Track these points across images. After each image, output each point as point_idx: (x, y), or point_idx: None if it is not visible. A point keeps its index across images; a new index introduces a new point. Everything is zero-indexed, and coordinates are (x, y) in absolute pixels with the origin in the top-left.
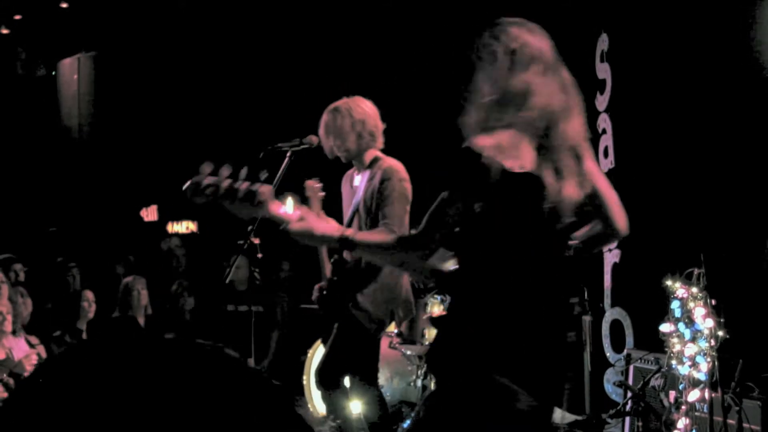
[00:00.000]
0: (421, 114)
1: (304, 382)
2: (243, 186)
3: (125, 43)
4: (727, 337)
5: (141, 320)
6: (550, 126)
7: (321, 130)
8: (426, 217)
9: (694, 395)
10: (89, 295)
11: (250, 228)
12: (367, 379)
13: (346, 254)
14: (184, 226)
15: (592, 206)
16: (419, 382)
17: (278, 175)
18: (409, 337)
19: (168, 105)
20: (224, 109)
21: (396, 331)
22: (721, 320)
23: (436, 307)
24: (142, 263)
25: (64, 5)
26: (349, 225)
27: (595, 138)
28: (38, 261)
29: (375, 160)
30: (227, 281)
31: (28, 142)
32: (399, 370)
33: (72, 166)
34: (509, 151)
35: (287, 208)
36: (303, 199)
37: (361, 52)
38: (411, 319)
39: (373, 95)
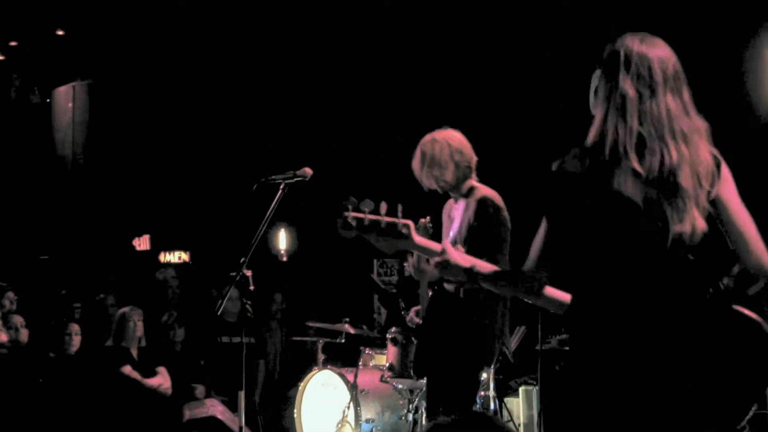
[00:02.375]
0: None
1: (295, 415)
2: (385, 219)
3: (120, 73)
4: None
5: (134, 352)
6: (668, 144)
7: (416, 162)
8: (534, 252)
9: None
10: (74, 327)
11: (242, 260)
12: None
13: (447, 286)
14: (176, 256)
15: (727, 237)
16: (410, 417)
17: (271, 208)
18: (401, 371)
19: (162, 135)
20: (218, 140)
21: (387, 364)
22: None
23: None
24: (133, 293)
25: (61, 33)
26: None
27: None
28: (30, 289)
29: (471, 189)
30: (219, 313)
31: (20, 169)
32: (390, 405)
33: (65, 194)
34: (616, 175)
35: (283, 241)
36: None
37: (351, 82)
38: (404, 353)
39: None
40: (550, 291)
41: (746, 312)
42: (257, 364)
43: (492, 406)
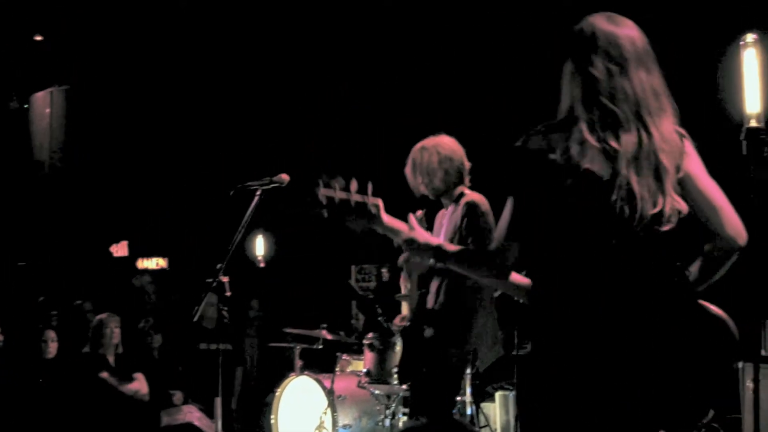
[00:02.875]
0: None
1: (272, 422)
2: (355, 198)
3: (98, 78)
4: None
5: (111, 358)
6: (646, 122)
7: (408, 168)
8: (498, 230)
9: None
10: (51, 334)
11: (219, 266)
12: (444, 413)
13: (433, 285)
14: (154, 263)
15: (696, 212)
16: (387, 422)
17: (248, 214)
18: (378, 377)
19: (140, 141)
20: (196, 146)
21: (365, 370)
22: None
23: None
24: (110, 299)
25: (39, 38)
26: None
27: None
28: (7, 295)
29: (460, 195)
30: (196, 319)
31: None
32: (367, 410)
33: (42, 200)
34: (584, 153)
35: (260, 247)
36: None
37: (351, 82)
38: (382, 359)
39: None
40: (516, 277)
41: (713, 308)
42: (234, 370)
43: (469, 411)
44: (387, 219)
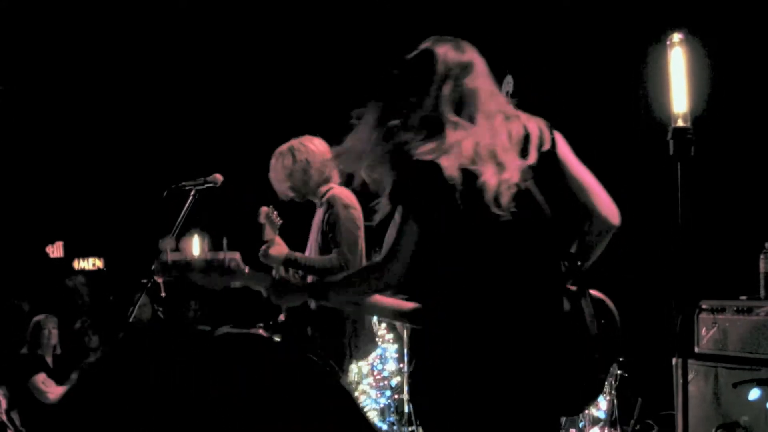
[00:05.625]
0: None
1: None
2: (208, 256)
3: (31, 78)
4: (626, 375)
5: (49, 359)
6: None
7: (271, 174)
8: (385, 245)
9: None
10: None
11: (153, 266)
12: None
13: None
14: (90, 263)
15: (574, 195)
16: None
17: (182, 215)
18: None
19: (75, 141)
20: (129, 146)
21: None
22: (620, 359)
23: None
24: (47, 300)
25: None
26: None
27: None
28: None
29: (326, 192)
30: (130, 320)
31: None
32: None
33: None
34: (445, 150)
35: (196, 247)
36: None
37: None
38: None
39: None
40: (382, 299)
41: (594, 292)
42: None
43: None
44: (249, 273)
